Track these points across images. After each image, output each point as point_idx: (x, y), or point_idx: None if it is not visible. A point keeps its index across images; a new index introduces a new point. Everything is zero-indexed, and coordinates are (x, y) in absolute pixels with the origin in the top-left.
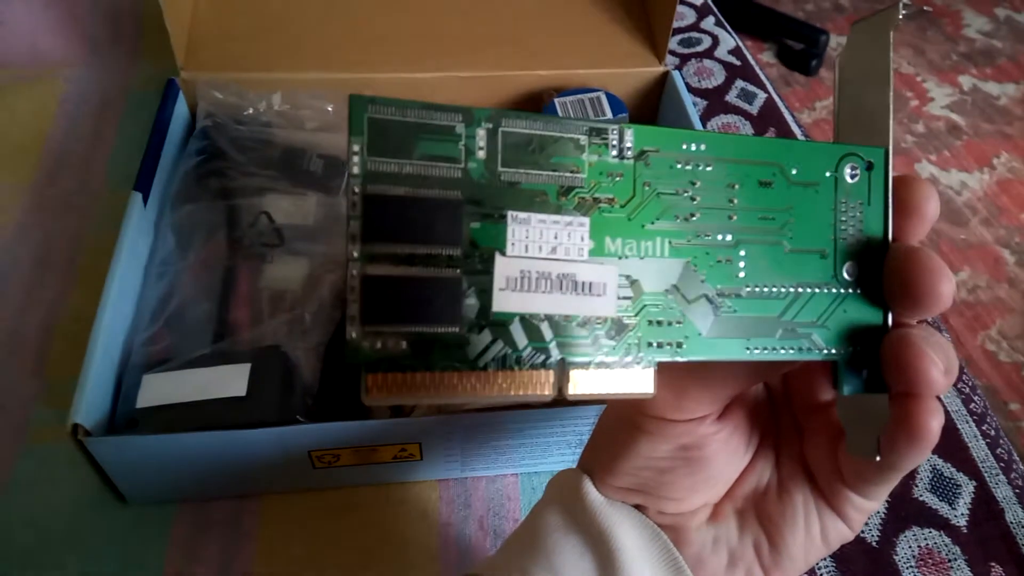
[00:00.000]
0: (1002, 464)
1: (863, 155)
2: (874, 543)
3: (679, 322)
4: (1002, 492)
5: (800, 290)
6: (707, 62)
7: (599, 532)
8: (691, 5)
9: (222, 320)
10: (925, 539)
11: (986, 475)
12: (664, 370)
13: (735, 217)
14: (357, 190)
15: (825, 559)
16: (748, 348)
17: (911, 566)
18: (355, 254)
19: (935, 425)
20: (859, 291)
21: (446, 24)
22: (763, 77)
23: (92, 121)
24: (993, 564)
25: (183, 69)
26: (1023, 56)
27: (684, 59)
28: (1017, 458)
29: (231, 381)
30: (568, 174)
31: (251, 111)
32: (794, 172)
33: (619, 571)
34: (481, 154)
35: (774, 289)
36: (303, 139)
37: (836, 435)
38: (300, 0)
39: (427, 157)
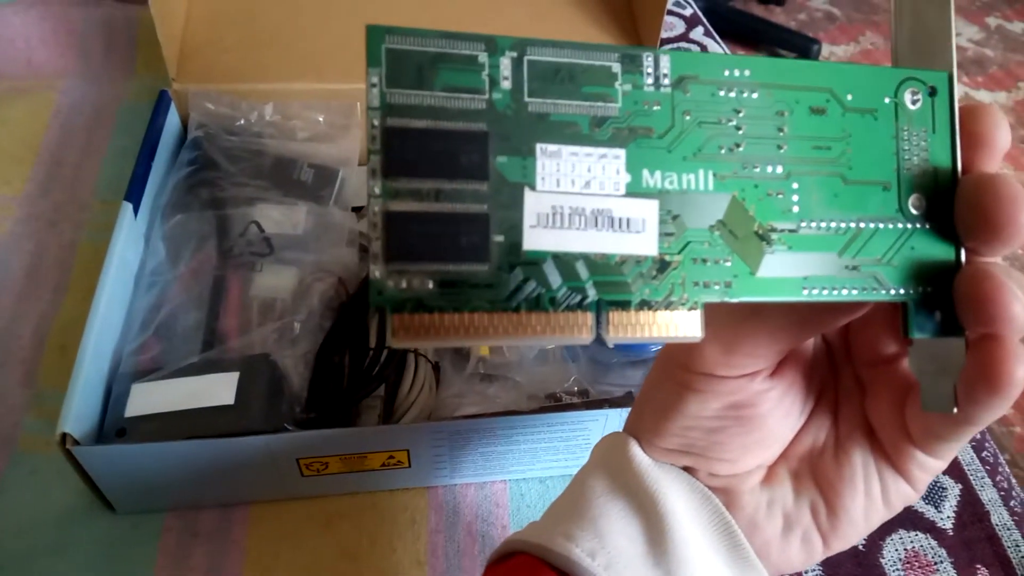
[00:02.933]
0: (987, 467)
1: (924, 79)
2: (861, 546)
3: (727, 260)
4: (987, 495)
5: (862, 225)
6: None
7: (647, 495)
8: (680, 16)
9: (211, 329)
10: (911, 542)
11: (971, 478)
12: (712, 320)
13: (785, 147)
14: (376, 123)
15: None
16: (806, 288)
17: (897, 569)
18: (376, 190)
19: (1020, 371)
20: (928, 226)
21: None
22: None
23: (85, 132)
24: (979, 566)
25: (175, 80)
26: (1014, 64)
27: None
28: (1003, 460)
29: (219, 390)
30: (601, 104)
31: (242, 122)
32: (849, 98)
33: (668, 535)
34: (506, 84)
35: (832, 224)
36: (294, 149)
37: (902, 390)
38: (291, 11)
39: (449, 88)
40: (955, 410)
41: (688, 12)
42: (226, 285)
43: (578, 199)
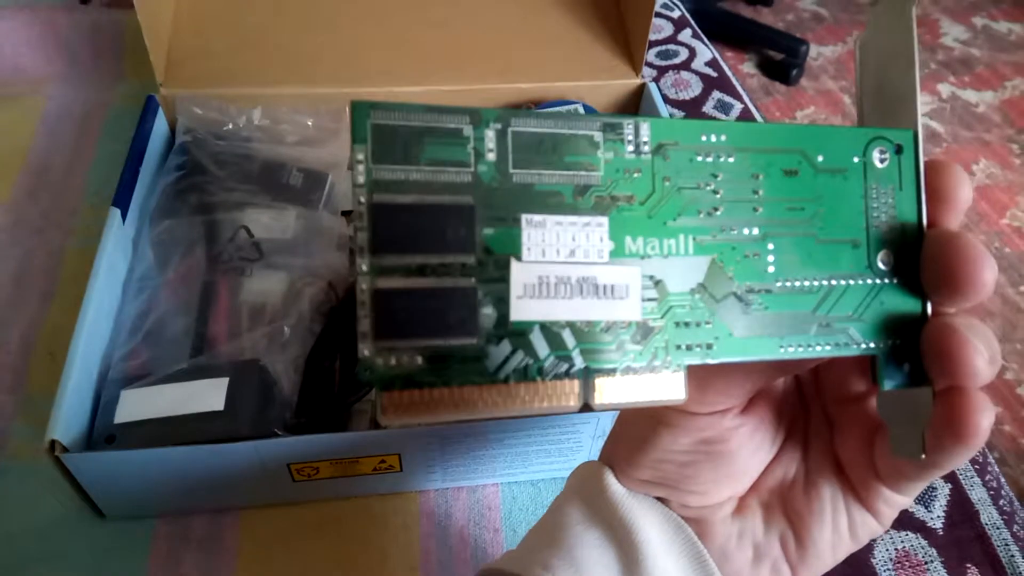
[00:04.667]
0: (977, 467)
1: (891, 138)
2: None
3: (708, 322)
4: (977, 494)
5: (834, 283)
6: (684, 74)
7: (621, 524)
8: (668, 18)
9: (200, 334)
10: (902, 542)
11: (961, 478)
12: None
13: (761, 209)
14: (363, 200)
15: None
16: (782, 346)
17: (888, 569)
18: (364, 268)
19: (984, 422)
20: (896, 281)
21: (427, 38)
22: (739, 88)
23: (73, 137)
24: (969, 566)
25: (162, 85)
26: (1000, 64)
27: (662, 71)
28: (992, 460)
29: (209, 395)
30: (583, 172)
31: (231, 126)
32: (820, 159)
33: (642, 564)
34: (491, 156)
35: (806, 283)
36: (283, 153)
37: (870, 429)
38: (280, 16)
39: (435, 162)
40: (923, 456)
41: (676, 14)
42: (215, 290)
43: (563, 268)
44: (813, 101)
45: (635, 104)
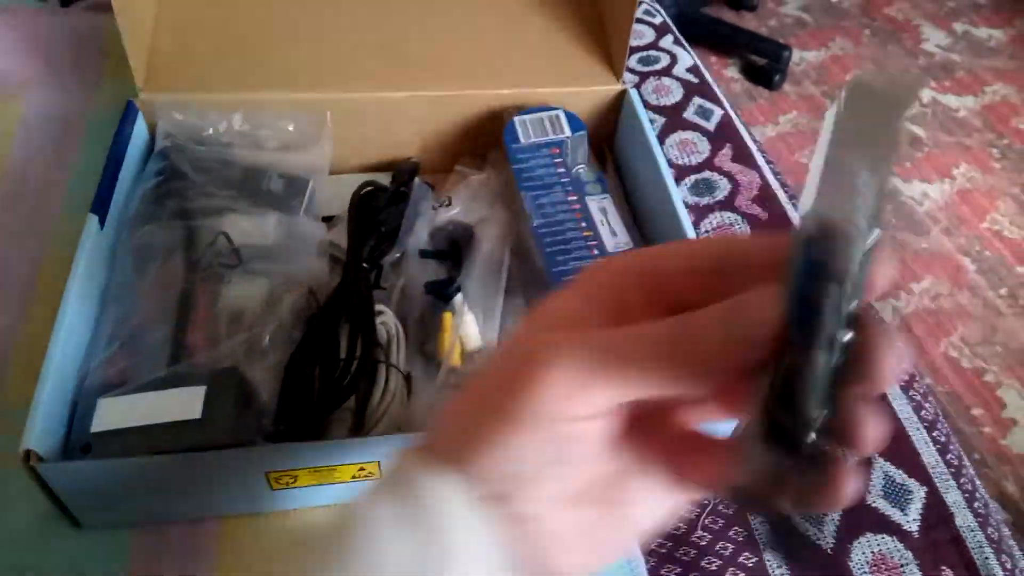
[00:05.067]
0: (952, 470)
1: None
2: (829, 550)
3: None
4: (952, 497)
5: None
6: (665, 80)
7: (433, 531)
8: (650, 24)
9: (179, 342)
10: (878, 545)
11: (936, 481)
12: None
13: None
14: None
15: (781, 566)
16: None
17: (865, 571)
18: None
19: (855, 492)
20: None
21: (409, 44)
22: (720, 94)
23: (52, 143)
24: (944, 568)
25: (142, 90)
26: (981, 69)
27: (643, 77)
28: (967, 463)
29: (186, 404)
30: None
31: (211, 132)
32: None
33: (447, 567)
34: None
35: None
36: (263, 159)
37: (687, 441)
38: (261, 21)
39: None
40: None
41: (658, 20)
42: (194, 297)
43: None
44: (795, 106)
45: (616, 110)
